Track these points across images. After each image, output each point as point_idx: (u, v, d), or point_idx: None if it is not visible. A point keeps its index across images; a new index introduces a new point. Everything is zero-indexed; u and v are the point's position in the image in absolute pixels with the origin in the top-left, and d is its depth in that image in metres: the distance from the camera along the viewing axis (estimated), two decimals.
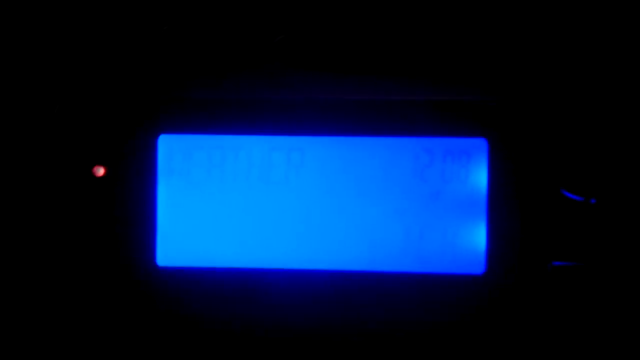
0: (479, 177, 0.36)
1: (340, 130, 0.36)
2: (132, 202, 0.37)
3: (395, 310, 0.36)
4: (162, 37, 0.38)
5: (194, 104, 0.37)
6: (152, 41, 0.38)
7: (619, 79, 0.36)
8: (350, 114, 0.36)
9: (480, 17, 0.37)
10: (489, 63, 0.37)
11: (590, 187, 0.36)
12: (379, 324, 0.37)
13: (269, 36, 0.38)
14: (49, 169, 0.37)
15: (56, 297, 0.37)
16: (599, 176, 0.36)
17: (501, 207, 0.36)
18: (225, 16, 0.38)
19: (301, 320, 0.37)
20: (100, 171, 0.37)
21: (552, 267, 0.36)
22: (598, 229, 0.36)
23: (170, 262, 0.37)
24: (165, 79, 0.37)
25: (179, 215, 0.37)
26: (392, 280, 0.36)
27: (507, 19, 0.37)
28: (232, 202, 0.37)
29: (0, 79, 0.38)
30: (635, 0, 0.37)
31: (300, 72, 0.37)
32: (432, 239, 0.36)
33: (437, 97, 0.36)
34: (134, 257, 0.37)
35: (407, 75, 0.37)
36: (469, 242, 0.36)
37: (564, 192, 0.36)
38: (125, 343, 0.37)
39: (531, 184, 0.36)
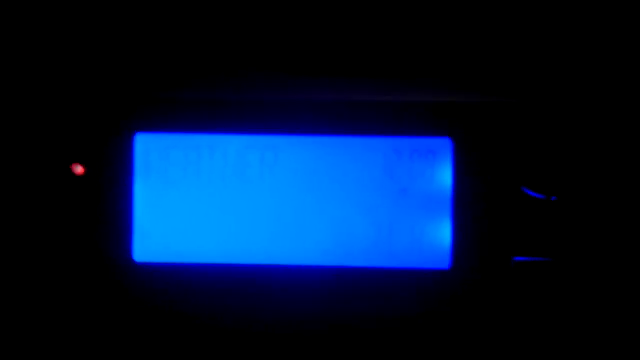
0: (444, 175, 0.37)
1: (312, 130, 0.37)
2: (109, 199, 0.37)
3: (365, 303, 0.37)
4: (139, 37, 0.38)
5: (170, 103, 0.37)
6: (129, 40, 0.38)
7: (580, 78, 0.37)
8: (321, 115, 0.37)
9: (445, 17, 0.38)
10: (453, 64, 0.38)
11: (551, 185, 0.36)
12: (349, 317, 0.37)
13: (244, 38, 0.38)
14: (26, 167, 0.37)
15: (32, 294, 0.37)
16: (559, 174, 0.36)
17: (466, 203, 0.37)
18: (202, 17, 0.38)
19: (273, 315, 0.37)
20: (78, 169, 0.37)
21: (515, 262, 0.37)
22: (558, 225, 0.36)
23: (147, 257, 0.38)
24: (142, 79, 0.38)
25: (155, 212, 0.37)
26: (362, 274, 0.37)
27: (470, 18, 0.38)
28: (207, 199, 0.37)
29: None
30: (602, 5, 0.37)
31: (273, 74, 0.38)
32: (400, 235, 0.37)
33: (404, 98, 0.37)
34: (111, 254, 0.37)
35: (376, 77, 0.38)
36: (435, 238, 0.37)
37: (525, 189, 0.37)
38: (103, 340, 0.37)
39: (494, 181, 0.36)
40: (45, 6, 0.38)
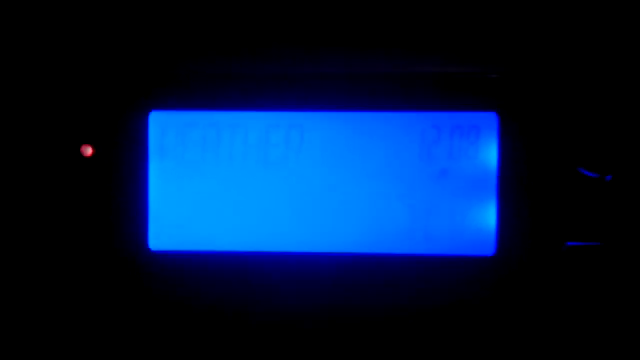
0: (489, 153, 0.35)
1: (342, 106, 0.36)
2: (122, 183, 0.36)
3: (403, 293, 0.36)
4: (152, 10, 0.36)
5: (187, 78, 0.36)
6: (141, 13, 0.36)
7: (636, 49, 0.35)
8: (352, 89, 0.36)
9: None
10: (500, 32, 0.36)
11: (606, 163, 0.35)
12: (386, 308, 0.36)
13: (267, 8, 0.36)
14: (34, 149, 0.36)
15: (44, 284, 0.37)
16: (615, 151, 0.35)
17: (512, 185, 0.35)
18: None
19: (301, 306, 0.36)
20: (88, 151, 0.36)
21: (567, 247, 0.35)
22: (614, 207, 0.35)
23: (163, 246, 0.36)
24: (157, 53, 0.36)
25: (171, 197, 0.36)
26: (399, 263, 0.36)
27: None
28: (227, 182, 0.36)
29: None
30: None
31: (300, 45, 0.36)
32: (440, 220, 0.36)
33: (444, 69, 0.35)
34: (125, 242, 0.36)
35: (412, 46, 0.36)
36: (479, 223, 0.36)
37: (578, 168, 0.35)
38: (117, 329, 0.36)
39: (544, 160, 0.35)
40: None
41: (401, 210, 0.36)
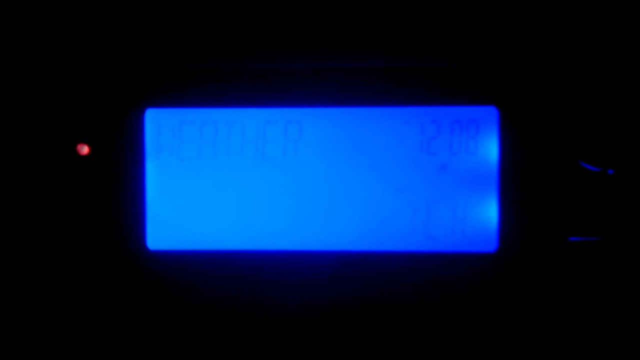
0: (490, 148, 0.35)
1: (340, 101, 0.35)
2: (119, 182, 0.36)
3: (404, 291, 0.35)
4: (147, 9, 0.36)
5: (182, 75, 0.36)
6: (136, 12, 0.36)
7: (637, 43, 0.35)
8: (350, 83, 0.35)
9: None
10: (500, 25, 0.35)
11: (608, 157, 0.34)
12: (387, 306, 0.35)
13: (262, 5, 0.36)
14: (29, 148, 0.36)
15: (41, 284, 0.36)
16: (617, 145, 0.34)
17: (514, 180, 0.35)
18: None
19: (301, 304, 0.36)
20: (84, 149, 0.36)
21: (569, 242, 0.35)
22: (617, 201, 0.34)
23: (161, 245, 0.36)
24: (152, 50, 0.36)
25: (169, 195, 0.36)
26: (399, 260, 0.35)
27: None
28: (225, 180, 0.36)
29: None
30: None
31: (297, 39, 0.36)
32: (440, 216, 0.35)
33: (443, 62, 0.35)
34: (123, 241, 0.36)
35: (411, 40, 0.35)
36: (480, 219, 0.35)
37: (580, 162, 0.35)
38: (116, 329, 0.36)
39: (545, 154, 0.35)
40: None
41: (401, 207, 0.35)
